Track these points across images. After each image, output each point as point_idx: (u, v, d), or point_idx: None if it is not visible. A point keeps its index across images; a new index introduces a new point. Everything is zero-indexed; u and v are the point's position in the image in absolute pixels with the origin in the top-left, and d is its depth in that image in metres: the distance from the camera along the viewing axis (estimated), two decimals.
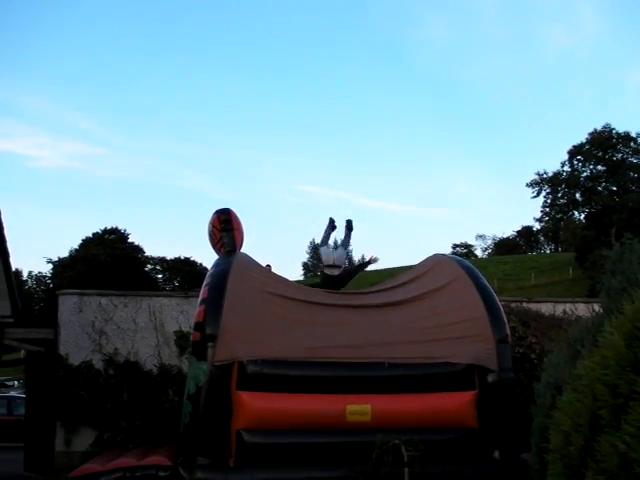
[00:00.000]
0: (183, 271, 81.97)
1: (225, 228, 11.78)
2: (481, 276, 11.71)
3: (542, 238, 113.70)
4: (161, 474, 10.33)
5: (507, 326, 11.12)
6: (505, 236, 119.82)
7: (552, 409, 6.28)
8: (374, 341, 10.85)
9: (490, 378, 10.72)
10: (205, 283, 10.88)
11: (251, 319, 10.48)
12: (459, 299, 11.26)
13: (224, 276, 10.80)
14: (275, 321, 10.63)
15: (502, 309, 11.23)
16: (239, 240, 11.90)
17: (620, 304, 6.03)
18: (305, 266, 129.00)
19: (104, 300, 14.69)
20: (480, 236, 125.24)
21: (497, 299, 11.43)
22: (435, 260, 12.38)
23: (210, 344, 10.19)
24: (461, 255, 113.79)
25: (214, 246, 11.87)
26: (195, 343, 10.46)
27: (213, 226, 11.87)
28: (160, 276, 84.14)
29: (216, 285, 10.70)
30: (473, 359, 10.66)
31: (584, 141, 77.17)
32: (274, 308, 10.74)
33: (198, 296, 14.09)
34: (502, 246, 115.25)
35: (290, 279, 13.11)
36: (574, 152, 77.76)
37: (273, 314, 10.67)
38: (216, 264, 11.33)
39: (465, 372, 10.70)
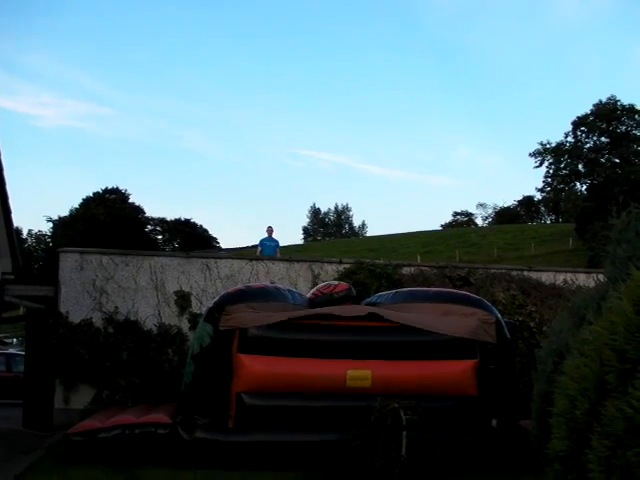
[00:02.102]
0: (183, 232, 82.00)
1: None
2: None
3: (543, 208, 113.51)
4: (160, 432, 10.41)
5: None
6: (506, 205, 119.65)
7: (554, 375, 6.29)
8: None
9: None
10: None
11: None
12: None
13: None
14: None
15: None
16: None
17: (625, 272, 6.02)
18: (305, 230, 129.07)
19: (105, 259, 14.67)
20: (481, 205, 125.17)
21: None
22: None
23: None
24: (461, 224, 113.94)
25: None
26: (209, 309, 11.04)
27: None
28: (160, 237, 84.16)
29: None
30: (470, 333, 10.77)
31: (588, 112, 76.79)
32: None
33: (199, 257, 14.33)
34: (503, 215, 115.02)
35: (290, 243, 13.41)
36: (578, 123, 77.32)
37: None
38: None
39: (465, 341, 10.78)
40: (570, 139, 78.45)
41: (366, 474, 9.06)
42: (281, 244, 22.02)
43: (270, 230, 20.89)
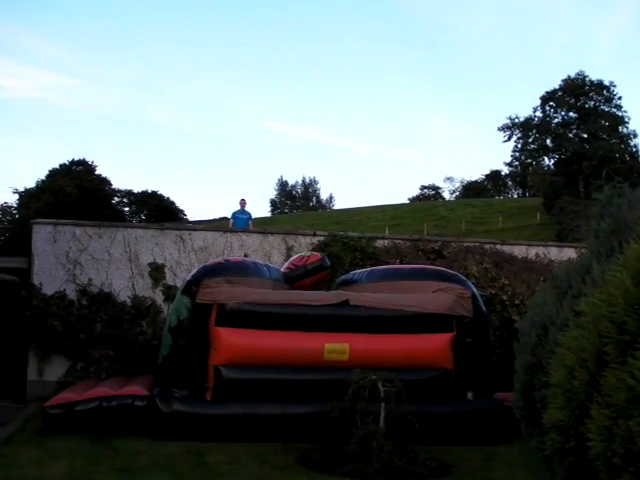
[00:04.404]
0: (150, 205, 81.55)
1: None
2: None
3: (510, 183, 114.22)
4: (137, 404, 10.42)
5: None
6: (473, 179, 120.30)
7: (537, 348, 6.37)
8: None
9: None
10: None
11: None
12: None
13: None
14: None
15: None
16: None
17: (609, 246, 6.11)
18: (273, 203, 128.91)
19: (78, 230, 14.56)
20: (448, 178, 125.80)
21: None
22: None
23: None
24: (429, 197, 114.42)
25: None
26: (187, 281, 11.04)
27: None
28: (127, 209, 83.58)
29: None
30: (447, 309, 10.84)
31: (557, 87, 77.33)
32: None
33: (173, 229, 14.33)
34: (470, 189, 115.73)
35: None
36: (547, 98, 77.83)
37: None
38: None
39: (442, 315, 10.86)
40: (539, 114, 79.09)
41: (344, 445, 9.11)
42: None
43: (243, 203, 20.91)
